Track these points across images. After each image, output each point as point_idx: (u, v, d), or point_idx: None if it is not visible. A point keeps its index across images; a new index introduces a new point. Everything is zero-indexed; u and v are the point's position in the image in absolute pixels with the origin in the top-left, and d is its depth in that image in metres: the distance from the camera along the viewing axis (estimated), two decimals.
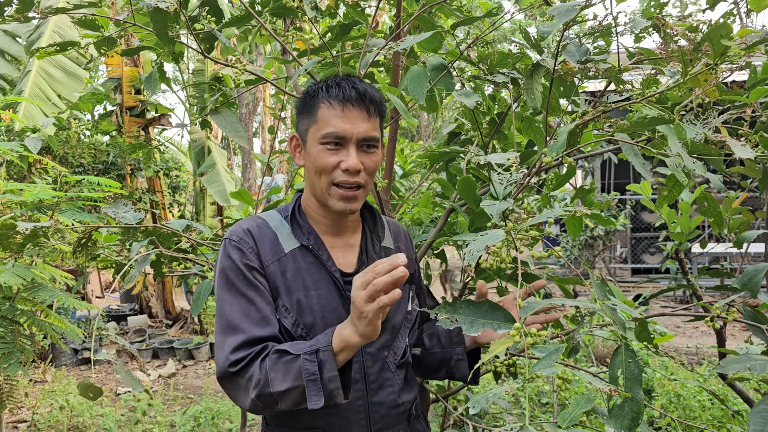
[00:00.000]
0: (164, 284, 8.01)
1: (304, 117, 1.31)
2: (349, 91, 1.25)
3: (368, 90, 1.28)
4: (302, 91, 1.36)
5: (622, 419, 1.02)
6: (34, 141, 3.36)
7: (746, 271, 1.39)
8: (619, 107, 1.47)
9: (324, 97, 1.26)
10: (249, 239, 1.29)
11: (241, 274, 1.25)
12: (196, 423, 4.43)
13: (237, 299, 1.24)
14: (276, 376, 1.14)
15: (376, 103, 1.29)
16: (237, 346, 1.19)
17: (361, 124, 1.25)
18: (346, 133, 1.24)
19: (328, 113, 1.25)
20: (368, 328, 1.09)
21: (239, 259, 1.26)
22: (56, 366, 6.20)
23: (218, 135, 11.92)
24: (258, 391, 1.15)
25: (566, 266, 8.52)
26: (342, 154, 1.25)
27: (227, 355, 1.19)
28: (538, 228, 1.37)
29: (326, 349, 1.13)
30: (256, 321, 1.22)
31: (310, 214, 1.36)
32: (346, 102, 1.25)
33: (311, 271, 1.29)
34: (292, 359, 1.15)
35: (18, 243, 1.97)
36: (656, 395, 4.20)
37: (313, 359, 1.13)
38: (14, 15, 1.89)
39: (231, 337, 1.21)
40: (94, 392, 1.55)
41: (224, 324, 1.23)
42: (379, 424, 1.31)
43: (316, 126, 1.27)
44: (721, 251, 7.44)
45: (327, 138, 1.25)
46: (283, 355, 1.16)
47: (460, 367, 1.42)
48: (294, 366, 1.14)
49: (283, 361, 1.15)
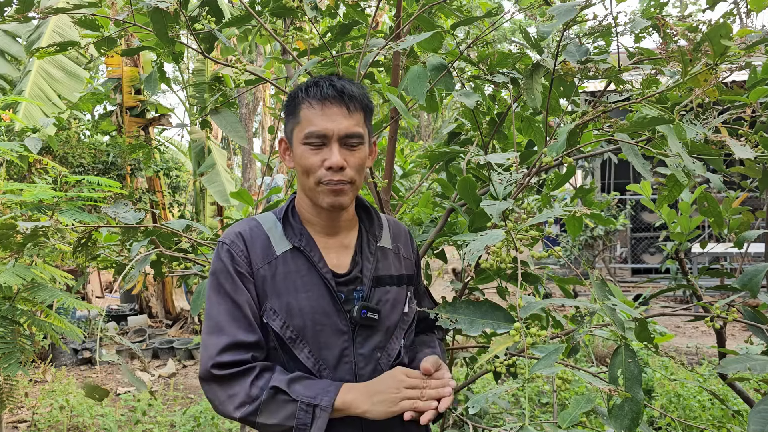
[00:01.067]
0: (164, 284, 8.01)
1: (290, 119, 1.32)
2: (326, 89, 1.26)
3: (347, 86, 1.28)
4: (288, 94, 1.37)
5: (622, 419, 1.02)
6: (34, 141, 3.36)
7: (746, 271, 1.39)
8: (619, 107, 1.47)
9: (304, 97, 1.28)
10: (240, 243, 1.30)
11: (230, 278, 1.27)
12: (196, 423, 4.43)
13: (225, 302, 1.26)
14: (267, 410, 1.19)
15: (356, 98, 1.28)
16: (223, 348, 1.22)
17: (342, 121, 1.26)
18: (327, 131, 1.25)
19: (309, 113, 1.26)
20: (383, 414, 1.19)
21: (229, 263, 1.27)
22: (56, 366, 6.20)
23: (218, 135, 11.92)
24: (243, 414, 1.19)
25: (566, 266, 8.52)
26: (325, 153, 1.26)
27: (213, 356, 1.22)
28: (538, 228, 1.37)
29: (325, 409, 1.18)
30: (243, 326, 1.24)
31: (303, 214, 1.36)
32: (324, 100, 1.26)
33: (302, 273, 1.29)
34: (288, 401, 1.19)
35: (18, 243, 1.98)
36: (656, 395, 4.20)
37: (308, 411, 1.18)
38: (14, 15, 1.89)
39: (217, 338, 1.23)
40: (100, 393, 1.56)
41: (211, 325, 1.25)
42: (371, 426, 1.28)
43: (299, 127, 1.28)
44: (721, 251, 7.44)
45: (309, 137, 1.26)
46: (280, 394, 1.20)
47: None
48: (288, 407, 1.19)
49: (278, 400, 1.19)
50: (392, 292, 1.37)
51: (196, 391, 5.54)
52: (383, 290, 1.35)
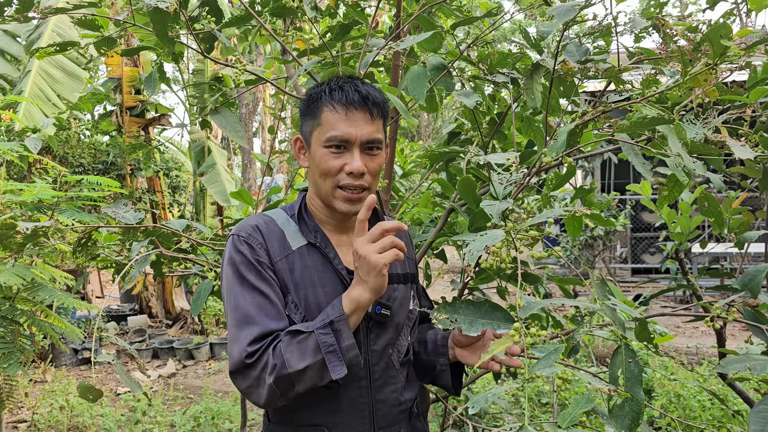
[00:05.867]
0: (164, 284, 8.01)
1: (308, 119, 1.31)
2: (352, 94, 1.26)
3: (371, 92, 1.28)
4: (305, 93, 1.36)
5: (622, 419, 1.02)
6: (34, 141, 3.36)
7: (747, 272, 1.39)
8: (619, 107, 1.47)
9: (327, 100, 1.27)
10: (258, 235, 1.29)
11: (254, 269, 1.25)
12: (196, 423, 4.43)
13: (251, 293, 1.23)
14: (292, 356, 1.15)
15: (379, 105, 1.29)
16: (254, 338, 1.19)
17: (365, 127, 1.26)
18: (350, 137, 1.25)
19: (332, 117, 1.26)
20: (379, 280, 1.16)
21: (250, 255, 1.26)
22: (56, 366, 6.20)
23: (218, 135, 11.92)
24: (275, 375, 1.15)
25: (566, 266, 8.52)
26: (346, 157, 1.26)
27: (244, 347, 1.18)
28: (538, 228, 1.37)
29: (340, 318, 1.17)
30: (272, 315, 1.22)
31: (315, 213, 1.36)
32: (350, 105, 1.25)
33: (318, 268, 1.30)
34: (306, 337, 1.17)
35: (18, 243, 1.97)
36: (656, 395, 4.20)
37: (328, 331, 1.16)
38: (14, 15, 1.89)
39: (248, 329, 1.20)
40: (94, 394, 1.55)
41: (239, 317, 1.22)
42: (381, 421, 1.31)
43: (320, 129, 1.27)
44: (721, 251, 7.44)
45: (331, 141, 1.25)
46: (296, 335, 1.17)
47: (443, 377, 1.43)
48: (309, 343, 1.16)
49: (297, 341, 1.17)
50: (400, 290, 1.39)
51: (196, 391, 5.53)
52: (392, 287, 1.37)
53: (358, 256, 1.17)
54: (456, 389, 1.45)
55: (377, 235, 1.16)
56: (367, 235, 1.17)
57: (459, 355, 1.37)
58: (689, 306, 1.55)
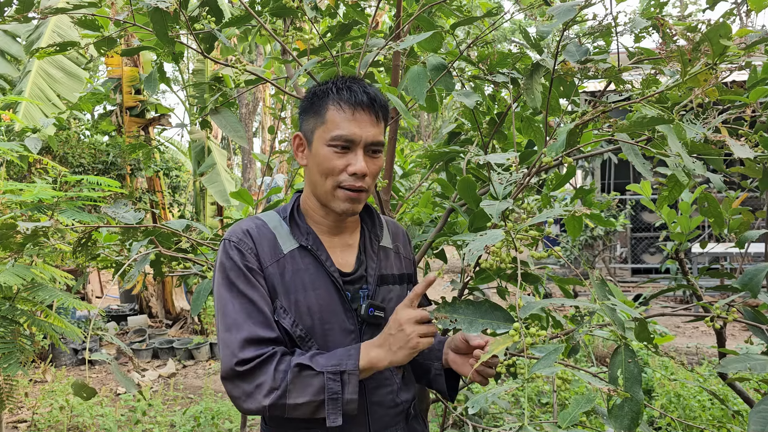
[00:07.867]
0: (164, 284, 8.00)
1: (311, 117, 1.30)
2: (360, 95, 1.26)
3: (378, 95, 1.29)
4: (308, 91, 1.34)
5: (621, 419, 1.02)
6: (34, 141, 3.36)
7: (747, 271, 1.39)
8: (619, 107, 1.47)
9: (335, 98, 1.26)
10: (248, 240, 1.29)
11: (242, 275, 1.25)
12: (196, 423, 4.43)
13: (239, 299, 1.24)
14: (294, 388, 1.17)
15: (384, 108, 1.30)
16: (244, 342, 1.19)
17: (370, 129, 1.26)
18: (356, 137, 1.24)
19: (338, 116, 1.25)
20: (406, 357, 1.18)
21: (239, 260, 1.26)
22: (56, 366, 6.20)
23: (218, 135, 11.92)
24: (272, 400, 1.16)
25: (566, 266, 8.52)
26: (349, 158, 1.25)
27: (235, 352, 1.19)
28: (538, 228, 1.37)
29: (353, 373, 1.18)
30: (259, 322, 1.22)
31: (309, 214, 1.36)
32: (357, 106, 1.25)
33: (310, 271, 1.29)
34: (314, 375, 1.17)
35: (18, 243, 1.97)
36: (656, 395, 4.20)
37: (336, 379, 1.17)
38: (14, 15, 1.89)
39: (236, 334, 1.20)
40: (88, 392, 1.55)
41: (228, 323, 1.23)
42: (377, 423, 1.31)
43: (324, 127, 1.26)
44: (721, 251, 7.44)
45: (336, 141, 1.25)
46: (305, 370, 1.18)
47: (438, 381, 1.43)
48: (315, 381, 1.17)
49: (304, 376, 1.17)
50: (395, 291, 1.39)
51: (196, 391, 5.53)
52: (387, 289, 1.37)
53: (400, 327, 1.18)
54: (451, 394, 1.44)
55: (425, 317, 1.18)
56: (416, 313, 1.18)
57: (451, 361, 1.36)
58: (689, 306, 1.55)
